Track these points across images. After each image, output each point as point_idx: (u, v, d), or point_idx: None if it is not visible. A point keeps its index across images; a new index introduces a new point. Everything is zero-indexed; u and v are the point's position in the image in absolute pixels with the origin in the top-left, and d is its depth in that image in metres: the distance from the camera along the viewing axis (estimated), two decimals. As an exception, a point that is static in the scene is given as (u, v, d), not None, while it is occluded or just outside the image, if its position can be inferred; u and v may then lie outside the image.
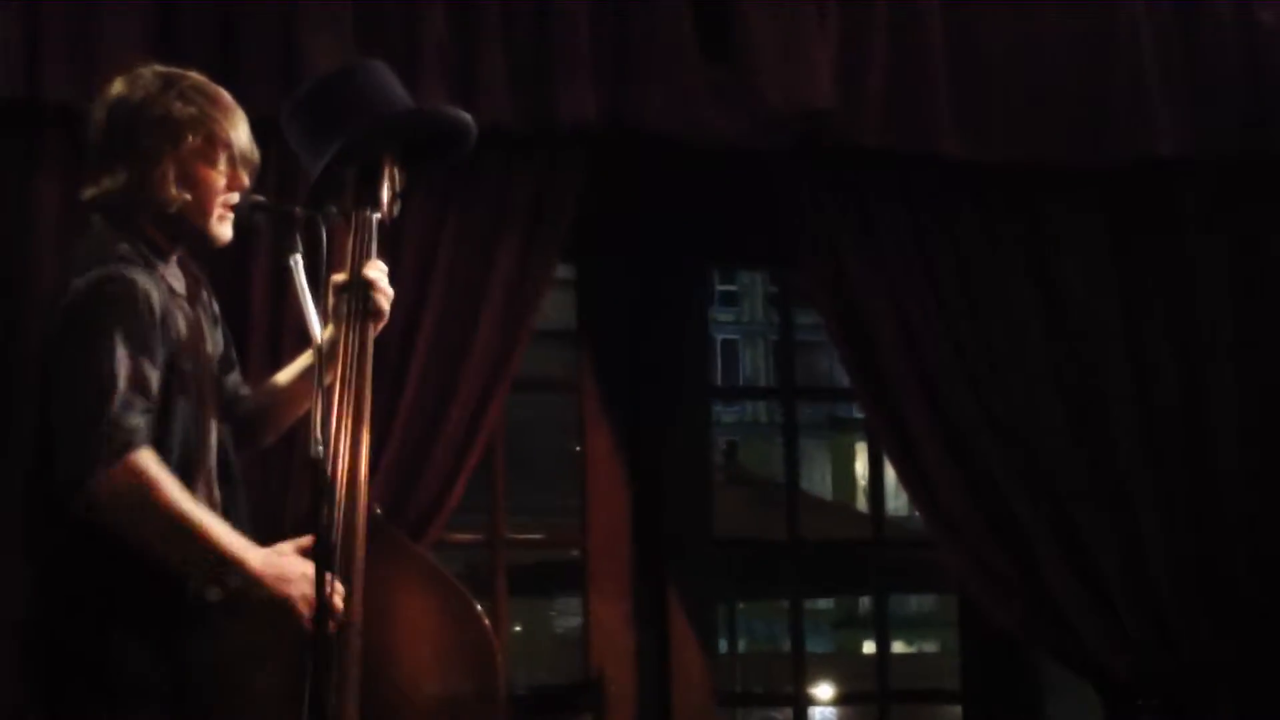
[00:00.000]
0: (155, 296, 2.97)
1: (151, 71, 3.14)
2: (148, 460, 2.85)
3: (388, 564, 3.09)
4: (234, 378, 3.32)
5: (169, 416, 2.97)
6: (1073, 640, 4.50)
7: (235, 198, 3.10)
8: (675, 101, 4.20)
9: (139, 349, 2.91)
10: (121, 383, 2.86)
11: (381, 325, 3.23)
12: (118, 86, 3.12)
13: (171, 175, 3.04)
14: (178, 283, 3.12)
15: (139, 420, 2.87)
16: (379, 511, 3.16)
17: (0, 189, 3.85)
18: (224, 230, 3.12)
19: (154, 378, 2.92)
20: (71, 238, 3.26)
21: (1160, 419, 4.56)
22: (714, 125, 4.23)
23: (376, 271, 3.21)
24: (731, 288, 28.98)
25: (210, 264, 3.39)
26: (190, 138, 3.05)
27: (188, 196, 3.06)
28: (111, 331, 2.89)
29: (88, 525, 2.85)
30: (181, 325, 3.04)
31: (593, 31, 4.16)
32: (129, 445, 2.83)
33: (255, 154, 3.16)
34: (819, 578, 8.25)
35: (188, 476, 2.97)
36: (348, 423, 3.07)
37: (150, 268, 3.03)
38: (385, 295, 3.20)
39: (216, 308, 3.30)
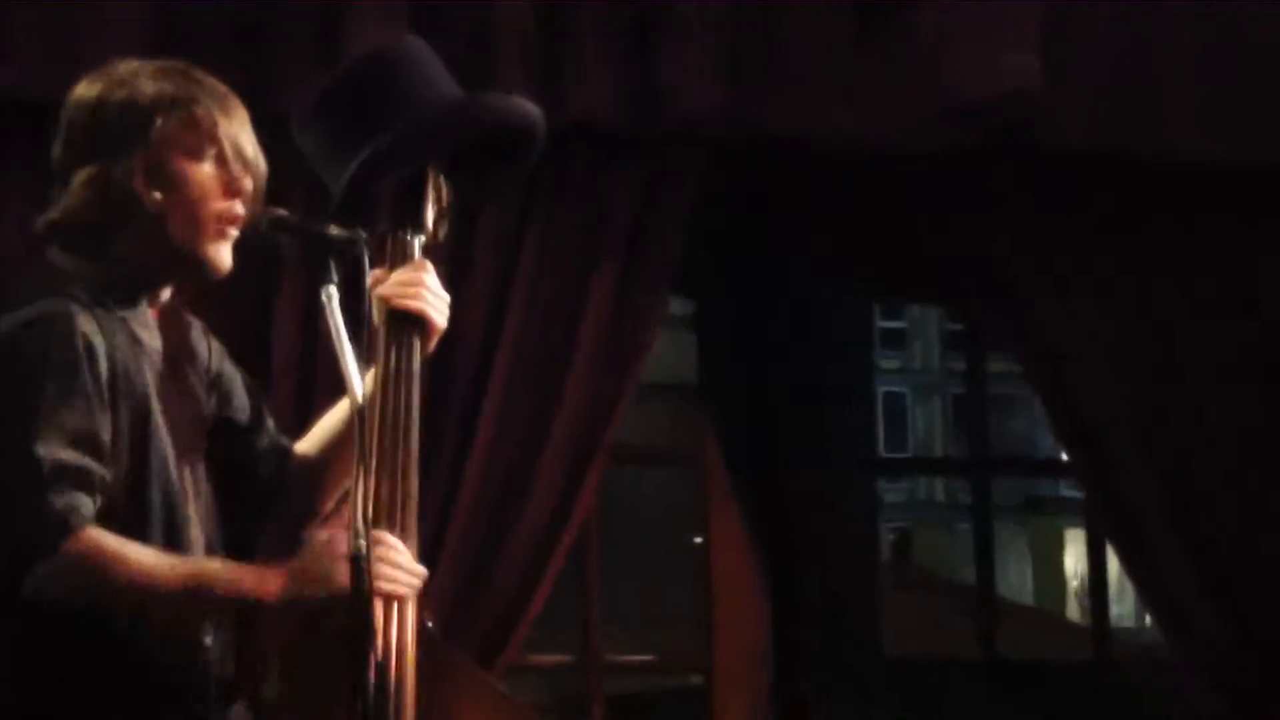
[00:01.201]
0: (101, 340, 2.98)
1: (121, 62, 3.17)
2: (96, 535, 2.87)
3: (444, 696, 3.06)
4: (266, 440, 3.34)
5: (144, 479, 2.99)
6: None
7: (236, 208, 3.09)
8: (821, 93, 4.22)
9: (77, 399, 2.91)
10: (49, 450, 2.87)
11: (433, 342, 3.22)
12: (79, 86, 3.14)
13: (139, 171, 3.04)
14: (147, 333, 3.12)
15: (75, 496, 2.88)
16: (430, 625, 3.15)
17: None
18: (220, 252, 3.07)
19: (104, 428, 2.93)
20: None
21: None
22: (879, 121, 4.25)
23: (399, 281, 3.19)
24: (897, 325, 28.95)
25: (219, 300, 3.41)
26: (160, 120, 3.03)
27: (158, 196, 3.05)
28: (39, 382, 2.90)
29: (52, 614, 2.91)
30: (148, 380, 3.06)
31: (709, 5, 4.20)
32: (66, 527, 2.86)
33: (260, 158, 3.14)
34: (1021, 708, 8.19)
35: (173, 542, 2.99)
36: (388, 504, 3.07)
37: (105, 309, 3.04)
38: (421, 299, 3.19)
39: (221, 363, 3.31)
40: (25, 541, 2.85)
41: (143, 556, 2.90)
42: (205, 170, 3.05)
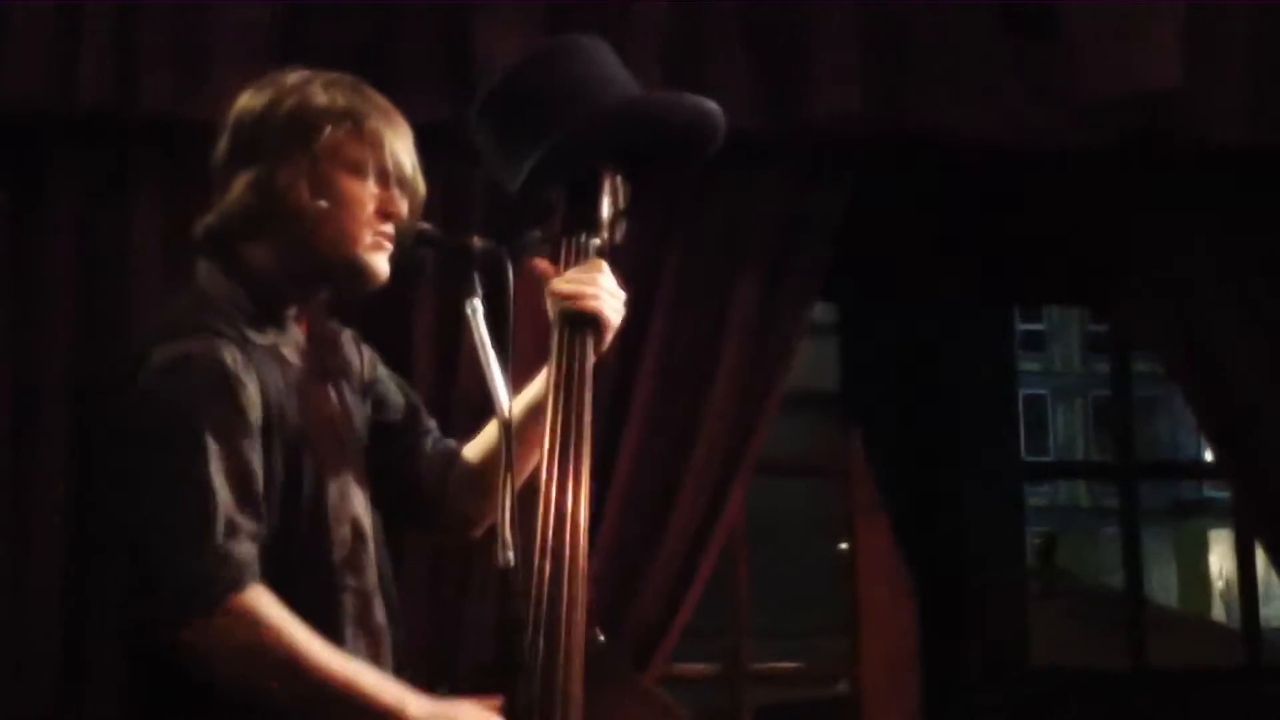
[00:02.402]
0: (253, 380, 2.95)
1: (290, 72, 3.15)
2: (260, 601, 2.82)
3: (609, 706, 3.02)
4: (429, 443, 3.32)
5: (297, 526, 2.97)
6: None
7: (389, 229, 3.07)
8: (969, 92, 4.18)
9: (237, 446, 2.90)
10: (221, 497, 2.86)
11: (608, 340, 3.18)
12: (245, 94, 3.13)
13: (304, 180, 3.03)
14: (296, 354, 3.10)
15: (246, 548, 2.84)
16: (602, 639, 3.11)
17: (90, 216, 4.00)
18: (378, 261, 3.06)
19: (259, 478, 2.92)
20: (167, 280, 3.31)
21: None
22: (1021, 120, 4.20)
23: (575, 280, 3.16)
24: (1037, 326, 28.77)
25: (357, 316, 3.41)
26: (330, 129, 3.02)
27: (323, 204, 3.04)
28: (199, 427, 2.88)
29: (190, 676, 2.87)
30: (297, 408, 3.03)
31: (858, 2, 4.17)
32: (236, 584, 2.82)
33: (419, 180, 3.12)
34: (1170, 717, 8.08)
35: (329, 593, 2.98)
36: (563, 507, 2.99)
37: (252, 336, 3.01)
38: (597, 299, 3.15)
39: (374, 369, 3.29)
40: (194, 588, 2.82)
41: (304, 634, 2.87)
42: (367, 187, 3.04)
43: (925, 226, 4.81)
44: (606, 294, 3.15)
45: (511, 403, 2.89)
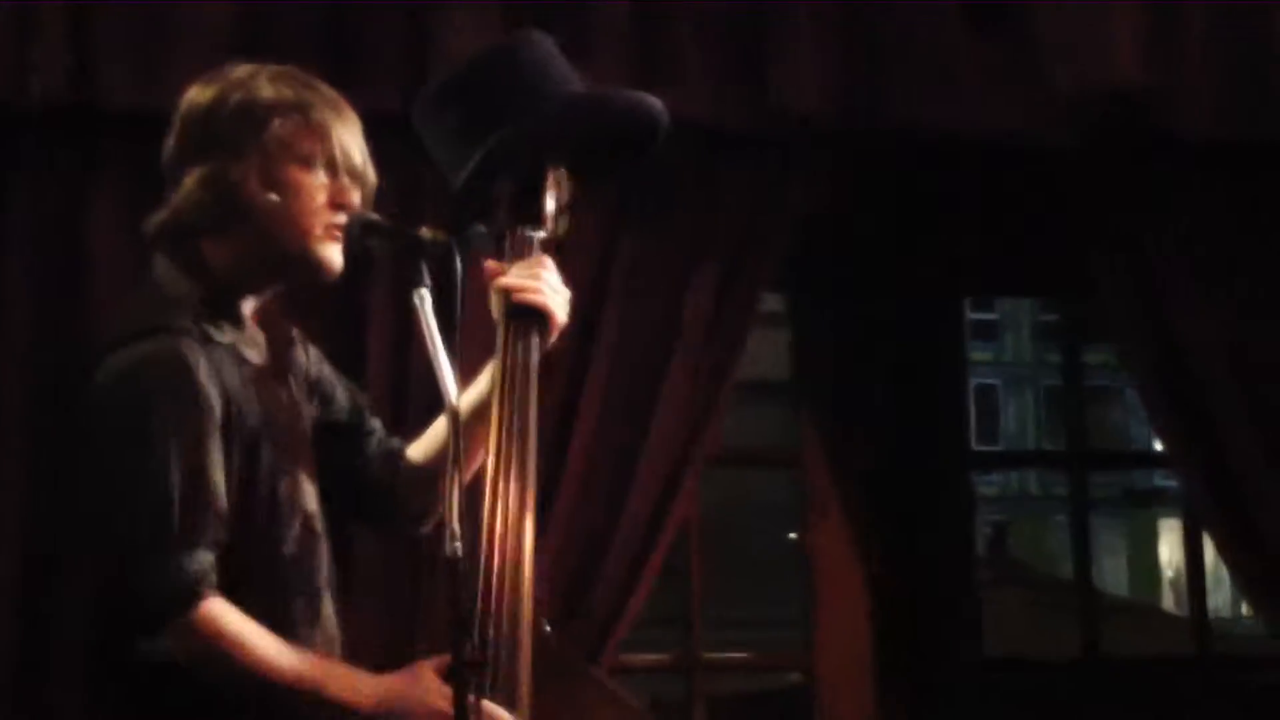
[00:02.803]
0: (215, 379, 2.96)
1: (237, 65, 3.15)
2: (213, 613, 2.87)
3: (560, 699, 3.04)
4: (374, 442, 3.34)
5: (254, 523, 2.98)
6: None
7: (341, 218, 3.07)
8: (931, 87, 4.20)
9: (197, 448, 2.91)
10: (180, 503, 2.88)
11: (553, 337, 3.19)
12: (193, 89, 3.13)
13: (254, 174, 3.03)
14: (253, 351, 3.11)
15: (202, 557, 2.89)
16: (549, 629, 3.12)
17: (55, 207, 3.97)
18: (330, 252, 3.06)
19: (220, 480, 2.93)
20: (130, 276, 3.29)
21: None
22: (982, 114, 4.22)
23: (519, 275, 3.18)
24: (989, 316, 28.86)
25: (311, 306, 3.38)
26: (277, 122, 3.03)
27: (274, 197, 3.04)
28: (159, 431, 2.90)
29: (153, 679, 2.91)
30: (255, 406, 3.04)
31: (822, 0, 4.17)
32: (191, 597, 2.87)
33: (369, 169, 3.12)
34: (1121, 706, 8.10)
35: (282, 591, 3.00)
36: (507, 501, 3.04)
37: (212, 335, 3.01)
38: (540, 294, 3.16)
39: (319, 368, 3.29)
40: (157, 598, 2.85)
41: (259, 644, 2.91)
42: (316, 178, 3.05)
43: (883, 218, 4.80)
44: (550, 288, 3.17)
45: (460, 394, 2.89)
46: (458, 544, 2.77)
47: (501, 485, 3.05)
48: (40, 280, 3.93)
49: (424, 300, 2.92)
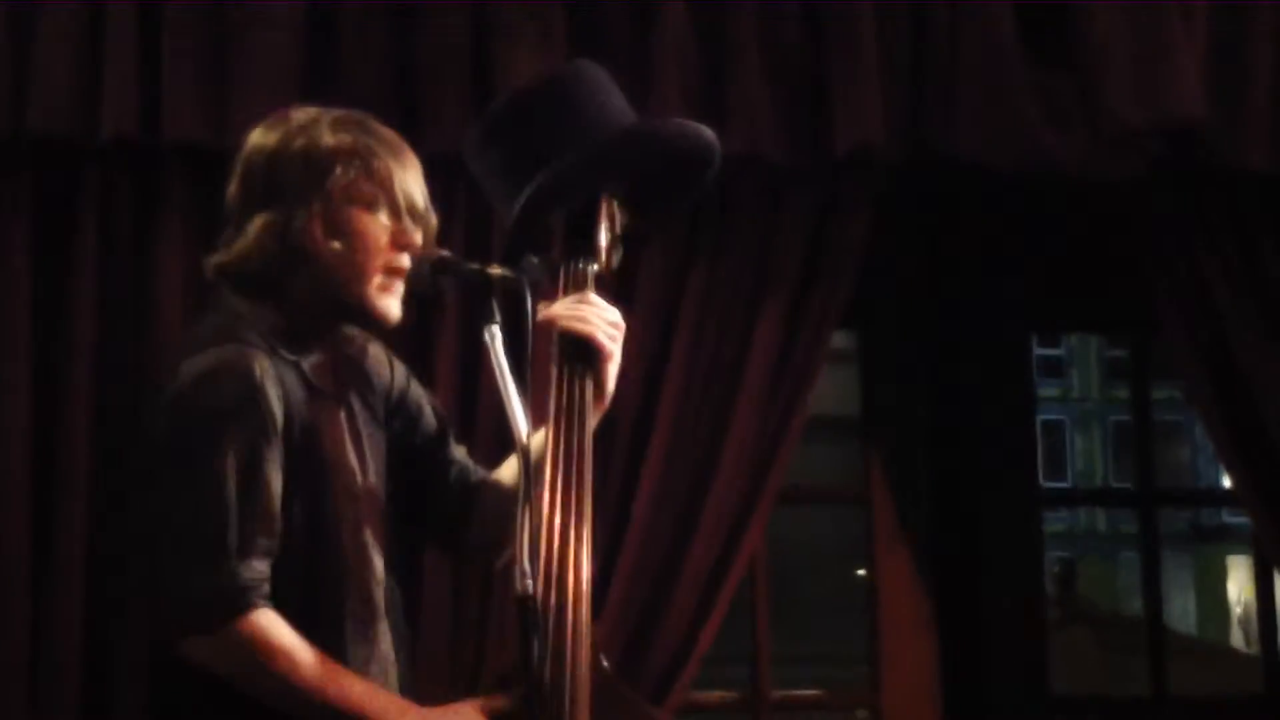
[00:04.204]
0: (278, 392, 2.97)
1: (298, 110, 3.17)
2: (265, 624, 2.89)
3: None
4: (456, 466, 3.33)
5: (306, 538, 2.98)
6: None
7: (404, 260, 3.08)
8: (991, 121, 4.18)
9: (259, 461, 2.92)
10: (235, 516, 2.89)
11: (609, 375, 3.18)
12: (256, 133, 3.15)
13: (317, 221, 3.05)
14: (315, 373, 3.11)
15: (258, 569, 2.90)
16: (605, 665, 3.11)
17: (117, 243, 3.99)
18: (387, 303, 3.07)
19: (277, 495, 2.94)
20: (194, 308, 3.31)
21: None
22: (1044, 148, 4.20)
23: (565, 306, 3.14)
24: (1055, 352, 28.74)
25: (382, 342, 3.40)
26: (340, 170, 3.04)
27: (336, 246, 3.05)
28: (224, 442, 2.91)
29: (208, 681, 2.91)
30: (316, 425, 3.04)
31: (880, 32, 4.17)
32: (245, 604, 2.88)
33: (430, 211, 3.14)
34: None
35: (334, 609, 3.00)
36: (560, 542, 3.01)
37: (280, 351, 3.03)
38: (587, 323, 3.13)
39: (405, 386, 3.29)
40: (204, 603, 2.87)
41: (305, 654, 2.92)
42: (379, 221, 3.06)
43: (954, 253, 4.80)
44: (600, 320, 3.15)
45: (530, 431, 2.88)
46: (529, 581, 2.78)
47: (560, 519, 3.01)
48: (106, 312, 3.95)
49: (495, 337, 2.93)
